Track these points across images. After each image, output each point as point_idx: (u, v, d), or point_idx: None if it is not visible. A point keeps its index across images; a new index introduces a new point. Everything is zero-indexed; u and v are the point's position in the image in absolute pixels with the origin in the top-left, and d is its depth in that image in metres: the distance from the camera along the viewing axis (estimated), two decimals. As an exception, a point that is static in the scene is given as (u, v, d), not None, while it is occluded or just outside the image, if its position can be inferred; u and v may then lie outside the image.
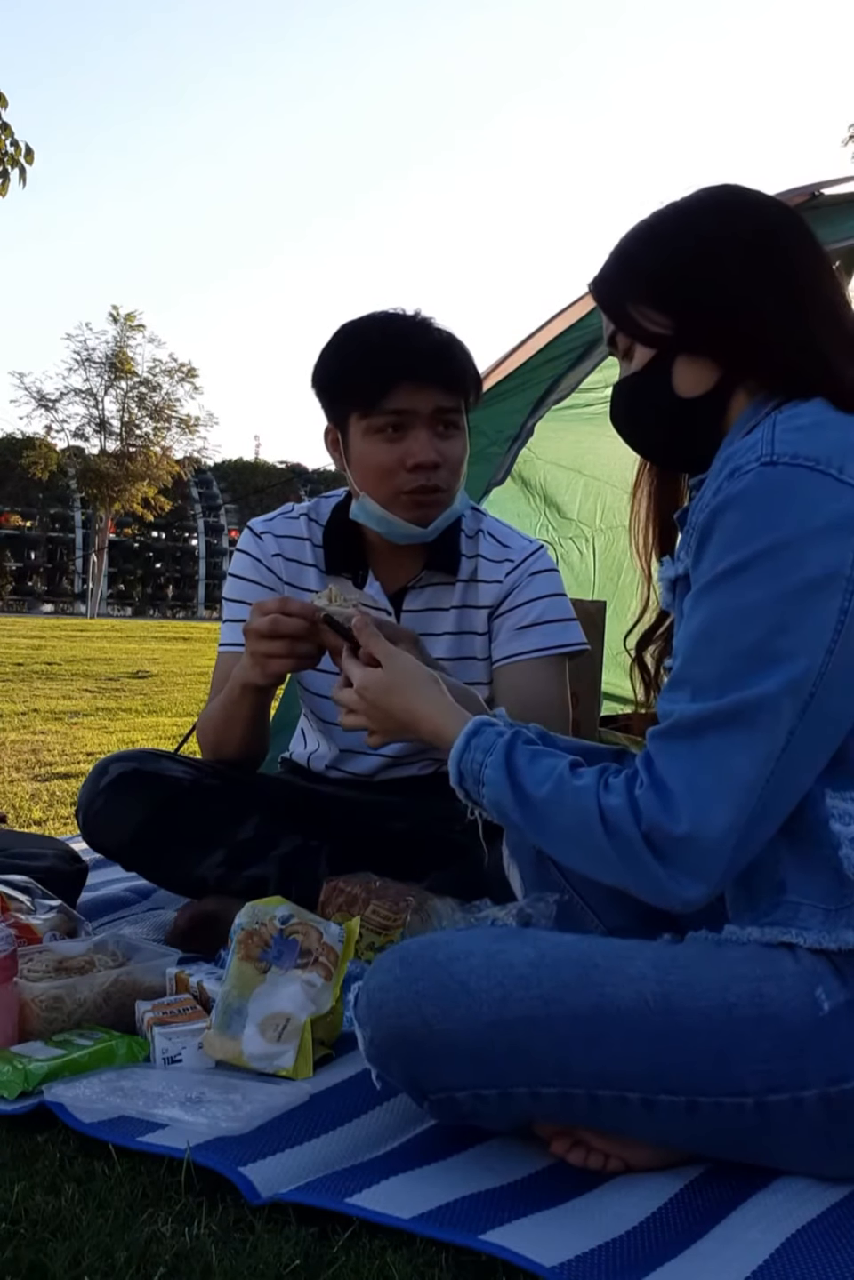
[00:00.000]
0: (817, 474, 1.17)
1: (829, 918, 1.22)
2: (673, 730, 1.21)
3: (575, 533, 4.14)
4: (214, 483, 40.14)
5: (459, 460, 2.03)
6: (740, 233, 1.31)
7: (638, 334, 1.34)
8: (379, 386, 1.97)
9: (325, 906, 1.88)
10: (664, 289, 1.33)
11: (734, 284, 1.29)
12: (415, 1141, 1.35)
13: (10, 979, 1.57)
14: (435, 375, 1.97)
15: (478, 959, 1.25)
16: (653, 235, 1.36)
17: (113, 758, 2.09)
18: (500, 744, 1.31)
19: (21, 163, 7.19)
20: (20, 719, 6.16)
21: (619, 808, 1.20)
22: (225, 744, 2.07)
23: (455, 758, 1.34)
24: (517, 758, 1.29)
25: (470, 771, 1.33)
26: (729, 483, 1.20)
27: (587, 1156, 1.29)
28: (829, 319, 1.30)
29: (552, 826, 1.26)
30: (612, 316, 1.39)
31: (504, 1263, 1.10)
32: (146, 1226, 1.16)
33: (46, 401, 30.34)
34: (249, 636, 1.82)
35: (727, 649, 1.19)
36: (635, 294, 1.34)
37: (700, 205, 1.36)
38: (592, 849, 1.23)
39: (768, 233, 1.32)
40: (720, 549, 1.20)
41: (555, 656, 2.11)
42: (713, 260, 1.30)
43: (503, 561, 2.14)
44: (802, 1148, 1.24)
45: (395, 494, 1.99)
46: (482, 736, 1.33)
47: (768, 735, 1.17)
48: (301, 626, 1.74)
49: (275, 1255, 1.11)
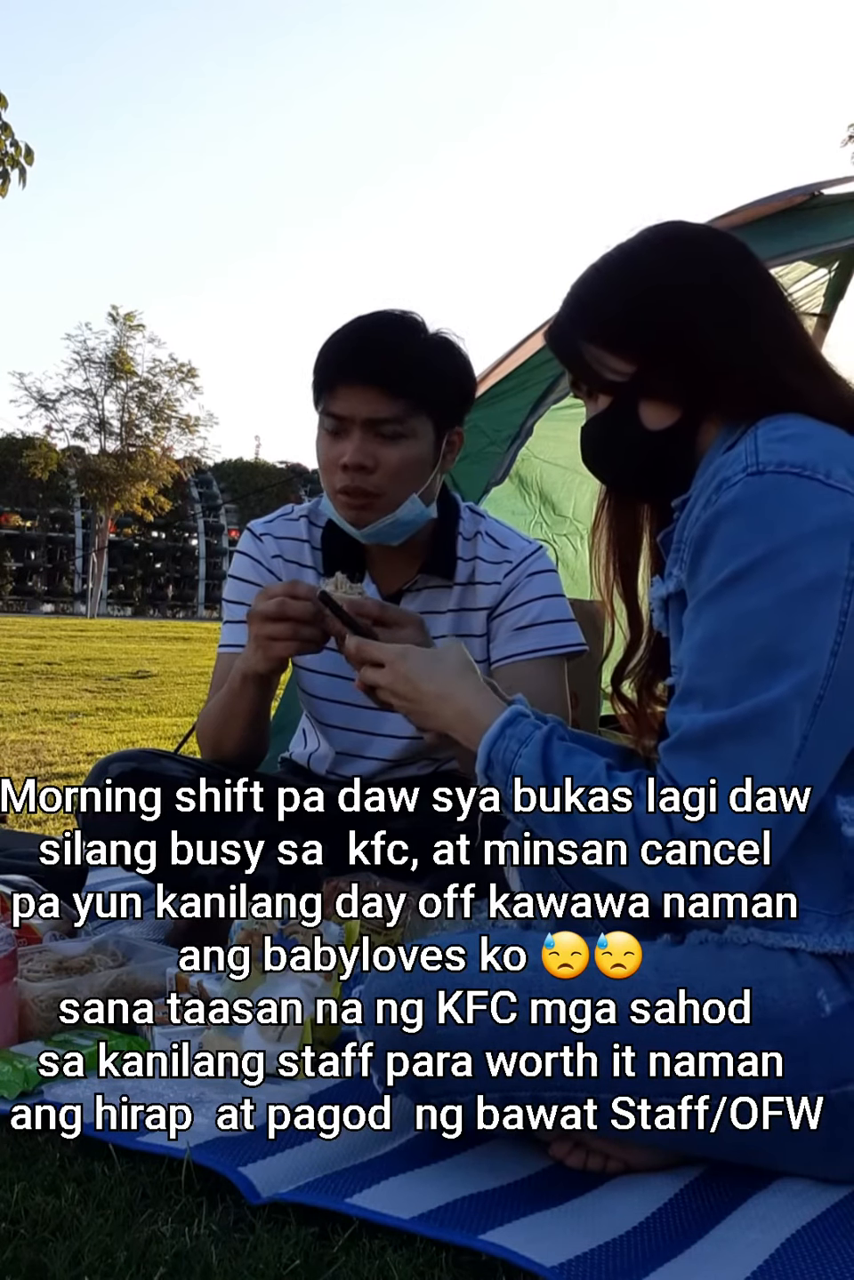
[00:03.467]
0: (804, 480, 1.18)
1: (833, 923, 1.22)
2: (687, 742, 1.20)
3: (570, 530, 4.13)
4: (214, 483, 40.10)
5: (399, 466, 1.96)
6: (689, 271, 1.32)
7: (597, 382, 1.35)
8: (322, 387, 1.97)
9: (325, 906, 1.88)
10: (620, 335, 1.33)
11: (687, 323, 1.30)
12: (415, 1141, 1.35)
13: (10, 979, 1.57)
14: (373, 380, 1.93)
15: (480, 964, 1.25)
16: (604, 281, 1.37)
17: (113, 758, 2.09)
18: (538, 736, 1.29)
19: (21, 163, 7.19)
20: (20, 719, 6.16)
21: (652, 815, 1.19)
22: (225, 740, 2.07)
23: (488, 743, 1.32)
24: (553, 753, 1.27)
25: (501, 759, 1.30)
26: (718, 494, 1.21)
27: (587, 1159, 1.29)
28: (782, 340, 1.31)
29: (581, 826, 1.24)
30: (570, 366, 1.39)
31: (504, 1263, 1.10)
32: (146, 1226, 1.16)
33: (46, 401, 30.31)
34: (253, 620, 1.85)
35: (733, 656, 1.19)
36: (592, 341, 1.34)
37: (647, 246, 1.36)
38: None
39: (715, 267, 1.32)
40: (718, 559, 1.20)
41: (554, 657, 2.11)
42: (664, 302, 1.31)
43: (501, 563, 2.14)
44: (803, 1150, 1.24)
45: (333, 492, 1.99)
46: (518, 726, 1.31)
47: (783, 741, 1.17)
48: (308, 610, 1.78)
49: (275, 1255, 1.11)
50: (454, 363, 2.03)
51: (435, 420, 2.00)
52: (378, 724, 2.15)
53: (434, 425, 2.00)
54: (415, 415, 1.96)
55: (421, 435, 1.98)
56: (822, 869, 1.23)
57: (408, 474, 1.98)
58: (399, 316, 2.01)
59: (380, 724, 2.15)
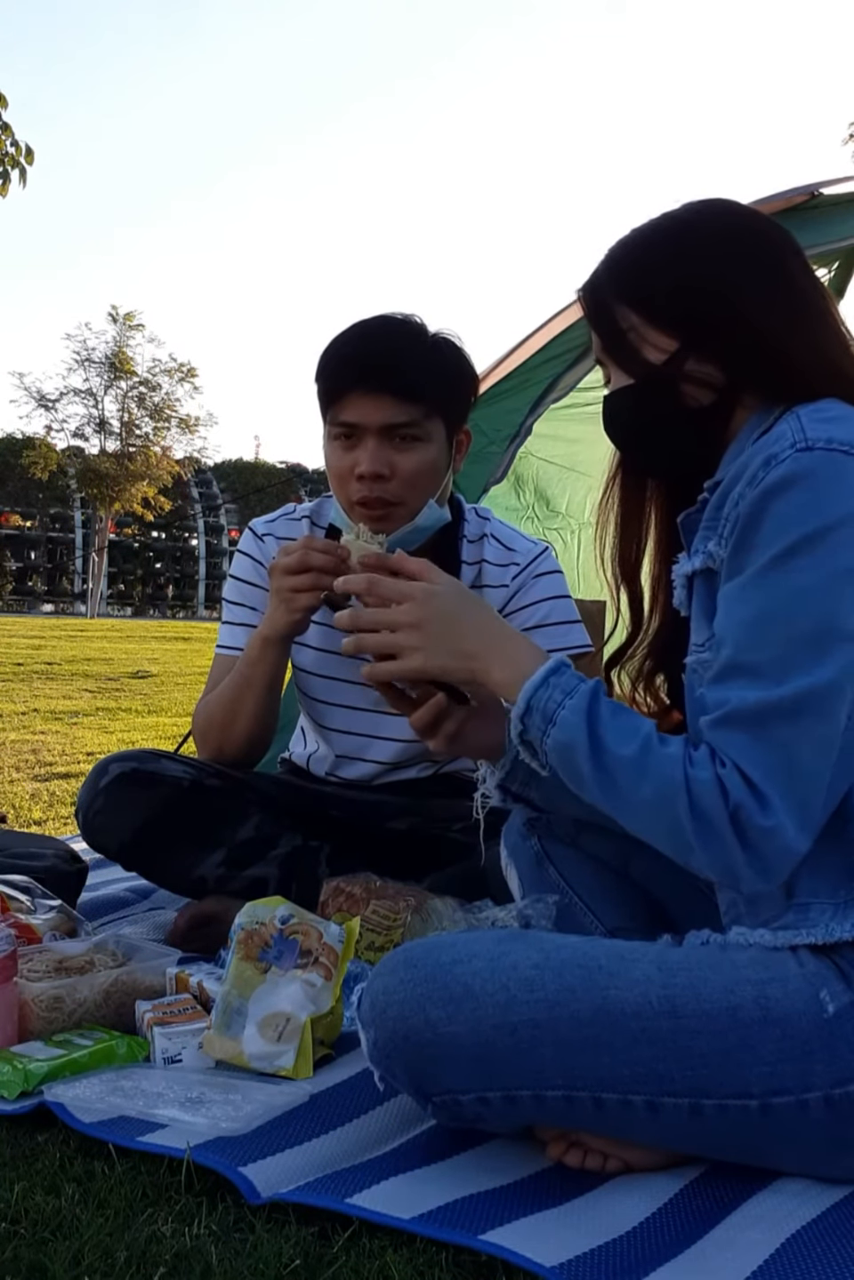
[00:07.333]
0: (853, 458, 1.18)
1: (839, 910, 1.22)
2: (736, 719, 1.18)
3: (561, 524, 4.12)
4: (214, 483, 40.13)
5: (416, 473, 1.95)
6: (743, 252, 1.30)
7: (634, 358, 1.32)
8: (331, 395, 1.96)
9: (325, 906, 1.88)
10: (663, 308, 1.31)
11: (737, 305, 1.28)
12: (415, 1142, 1.35)
13: (10, 979, 1.57)
14: (386, 387, 1.92)
15: (482, 962, 1.24)
16: (650, 249, 1.34)
17: (113, 758, 2.09)
18: (584, 689, 1.25)
19: (21, 163, 7.20)
20: (20, 719, 6.16)
21: (707, 782, 1.16)
22: (236, 721, 2.04)
23: (529, 690, 1.27)
24: (600, 707, 1.24)
25: (542, 708, 1.26)
26: (765, 470, 1.20)
27: (584, 1157, 1.28)
28: (827, 330, 1.31)
29: (624, 787, 1.21)
30: (603, 331, 1.36)
31: (504, 1263, 1.10)
32: (146, 1226, 1.16)
33: (46, 401, 30.36)
34: (275, 574, 1.90)
35: (783, 634, 1.18)
36: (633, 308, 1.32)
37: (700, 220, 1.34)
38: (667, 818, 1.19)
39: (770, 252, 1.31)
40: (769, 535, 1.19)
41: (559, 659, 2.11)
42: (717, 280, 1.29)
43: (508, 565, 2.14)
44: (805, 1149, 1.24)
45: (349, 502, 1.97)
46: (563, 676, 1.27)
47: (832, 723, 1.17)
48: (330, 561, 1.82)
49: (275, 1255, 1.11)
50: (460, 363, 2.03)
51: (446, 422, 1.99)
52: (377, 727, 2.15)
53: (445, 427, 2.00)
54: (429, 419, 1.96)
55: (435, 438, 1.98)
56: (823, 858, 1.22)
57: (424, 479, 1.97)
58: (403, 320, 2.00)
59: (380, 727, 2.15)
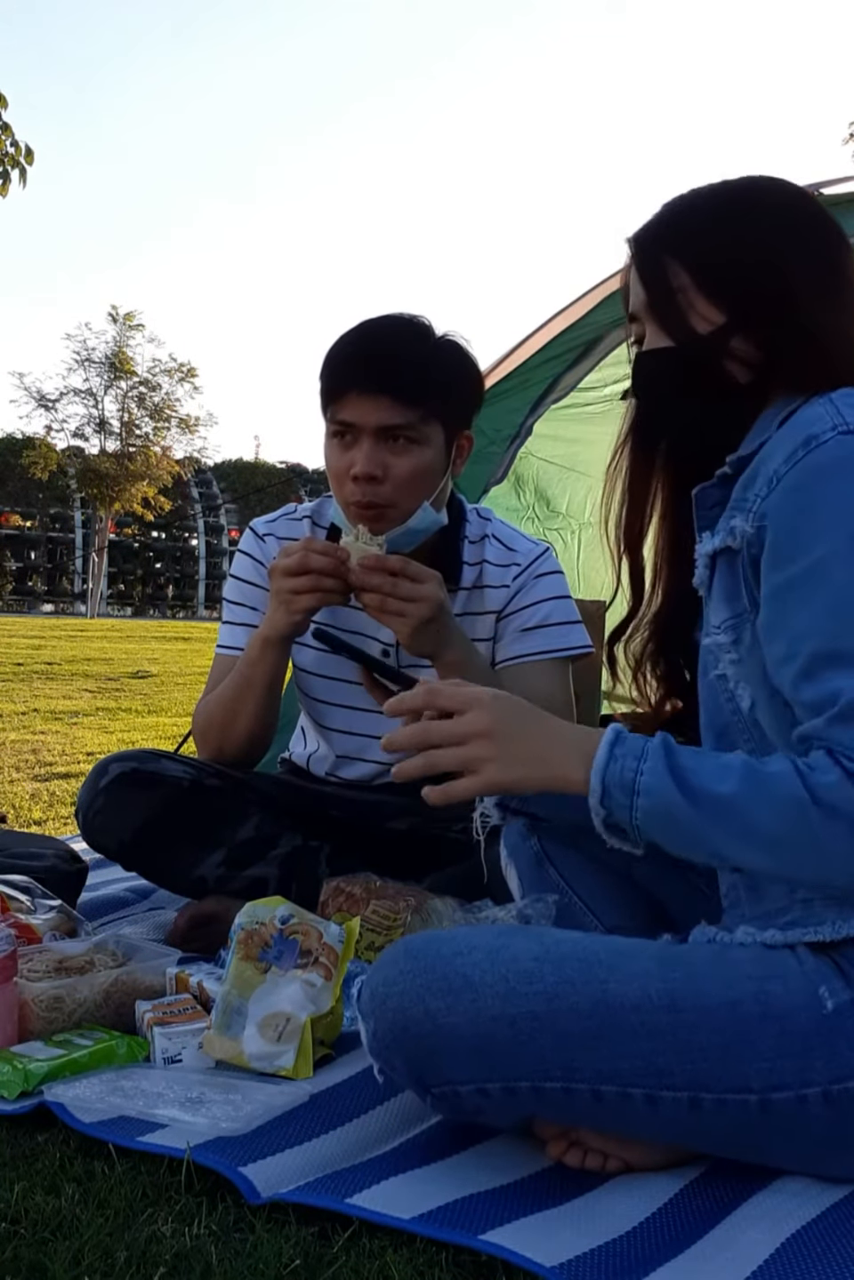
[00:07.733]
0: None
1: (845, 907, 1.22)
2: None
3: (561, 524, 4.12)
4: (214, 483, 40.12)
5: (410, 476, 1.93)
6: (802, 230, 1.30)
7: (681, 326, 1.31)
8: (331, 394, 1.95)
9: (325, 906, 1.88)
10: (716, 276, 1.30)
11: (789, 285, 1.28)
12: (415, 1141, 1.35)
13: (10, 979, 1.57)
14: (385, 388, 1.90)
15: (482, 954, 1.25)
16: (708, 215, 1.32)
17: (112, 758, 2.09)
18: (655, 747, 1.19)
19: (21, 163, 7.19)
20: (20, 719, 6.16)
21: (836, 784, 1.11)
22: (236, 721, 2.04)
23: (600, 770, 1.19)
24: (680, 758, 1.18)
25: (619, 783, 1.18)
26: (805, 451, 1.19)
27: (584, 1157, 1.29)
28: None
29: (743, 823, 1.16)
30: (652, 288, 1.33)
31: (504, 1263, 1.10)
32: (146, 1226, 1.16)
33: (46, 401, 30.33)
34: (275, 576, 1.89)
35: None
36: (685, 268, 1.31)
37: (759, 193, 1.33)
38: (799, 838, 1.14)
39: (823, 233, 1.31)
40: (829, 520, 1.17)
41: (560, 659, 2.11)
42: (778, 254, 1.29)
43: (509, 565, 2.13)
44: (804, 1146, 1.24)
45: (345, 503, 1.96)
46: (626, 744, 1.20)
47: None
48: (329, 563, 1.83)
49: (275, 1255, 1.11)
50: (464, 367, 2.02)
51: (445, 426, 1.98)
52: (378, 727, 2.14)
53: (444, 431, 1.98)
54: (427, 422, 1.94)
55: (432, 442, 1.96)
56: None
57: (418, 483, 1.96)
58: (408, 321, 1.99)
59: (380, 727, 2.13)
